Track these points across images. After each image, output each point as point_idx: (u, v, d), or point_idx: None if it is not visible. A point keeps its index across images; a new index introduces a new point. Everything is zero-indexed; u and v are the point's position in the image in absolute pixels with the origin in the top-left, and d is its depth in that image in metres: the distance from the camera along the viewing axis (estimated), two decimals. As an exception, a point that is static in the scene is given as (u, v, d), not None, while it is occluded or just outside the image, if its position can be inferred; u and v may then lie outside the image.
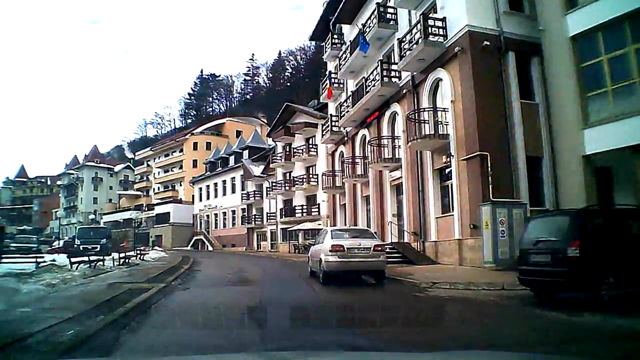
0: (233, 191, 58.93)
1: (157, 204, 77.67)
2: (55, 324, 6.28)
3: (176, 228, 70.69)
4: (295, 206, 44.31)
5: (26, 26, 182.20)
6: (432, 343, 5.65)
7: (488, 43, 18.01)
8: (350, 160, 28.30)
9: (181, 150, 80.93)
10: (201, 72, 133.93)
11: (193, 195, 70.58)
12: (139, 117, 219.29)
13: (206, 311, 8.33)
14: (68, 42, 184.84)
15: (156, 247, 50.22)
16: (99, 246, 31.24)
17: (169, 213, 72.28)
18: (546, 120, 18.45)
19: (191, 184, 69.99)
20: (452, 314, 8.67)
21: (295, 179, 44.02)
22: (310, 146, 43.18)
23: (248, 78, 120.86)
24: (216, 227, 62.27)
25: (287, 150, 46.20)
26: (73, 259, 15.95)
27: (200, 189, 67.09)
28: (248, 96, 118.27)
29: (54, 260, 16.99)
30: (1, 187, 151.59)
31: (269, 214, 49.78)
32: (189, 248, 63.81)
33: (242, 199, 54.50)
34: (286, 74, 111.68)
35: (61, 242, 46.63)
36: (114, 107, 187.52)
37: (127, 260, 21.17)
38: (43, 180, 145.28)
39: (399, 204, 23.78)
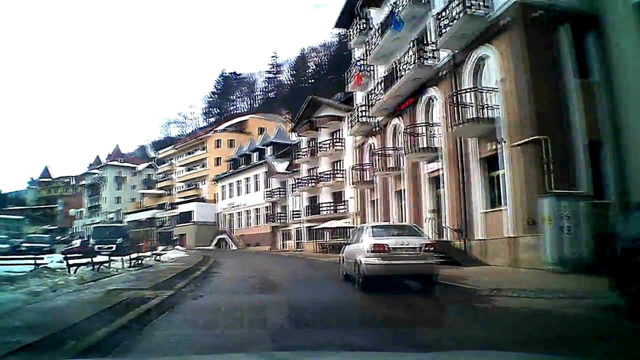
0: (257, 189, 57.24)
1: (180, 203, 76.49)
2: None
3: (199, 227, 69.37)
4: (321, 204, 42.35)
5: (49, 26, 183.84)
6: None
7: (541, 12, 15.76)
8: (381, 152, 26.13)
9: (204, 148, 79.63)
10: (223, 71, 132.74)
11: (216, 194, 69.15)
12: (162, 117, 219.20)
13: (214, 335, 6.32)
14: (92, 42, 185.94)
15: (177, 247, 48.67)
16: (114, 246, 29.64)
17: (192, 212, 71.00)
18: (608, 100, 16.11)
19: (214, 182, 68.53)
20: (544, 335, 6.52)
21: (321, 175, 42.04)
22: (336, 140, 41.15)
23: (270, 76, 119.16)
24: (240, 225, 60.67)
25: (312, 145, 44.26)
26: (72, 261, 14.04)
27: (223, 187, 65.60)
28: (271, 94, 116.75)
29: (46, 263, 15.05)
30: (26, 188, 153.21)
31: (293, 212, 47.92)
32: (212, 247, 62.37)
33: (265, 197, 52.75)
34: (308, 70, 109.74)
35: (78, 241, 45.36)
36: (137, 107, 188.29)
37: (139, 262, 19.35)
38: (67, 180, 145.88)
39: (437, 199, 21.57)
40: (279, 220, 50.49)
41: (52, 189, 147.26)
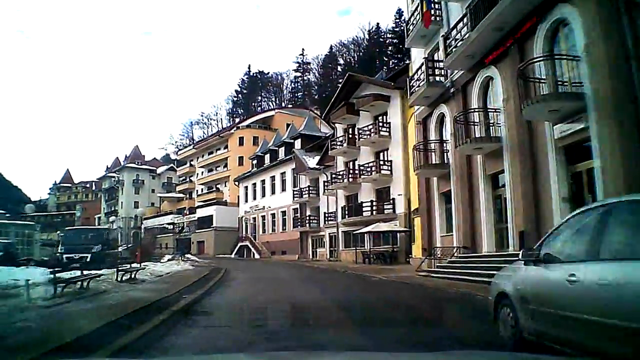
0: (283, 189, 49.63)
1: (199, 207, 69.40)
2: None
3: (220, 233, 62.15)
4: (361, 203, 34.51)
5: (71, 24, 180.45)
6: None
7: None
8: (462, 120, 18.03)
9: (226, 147, 72.49)
10: (249, 68, 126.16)
11: (238, 196, 61.70)
12: (185, 118, 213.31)
13: None
14: (114, 41, 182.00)
15: (188, 255, 41.10)
16: (89, 255, 22.13)
17: (211, 216, 63.88)
18: None
19: (236, 183, 61.14)
20: None
21: (362, 168, 34.20)
22: (381, 125, 33.30)
23: (298, 74, 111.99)
24: (264, 231, 53.04)
25: (350, 133, 36.48)
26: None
27: (246, 187, 58.14)
28: (299, 94, 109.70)
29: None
30: (48, 194, 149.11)
31: (327, 215, 40.15)
32: (232, 256, 55.05)
33: (294, 197, 45.05)
34: (339, 68, 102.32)
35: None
36: (160, 108, 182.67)
37: (132, 276, 11.70)
38: (88, 185, 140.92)
39: (574, 181, 13.41)
40: (308, 225, 42.73)
41: (72, 195, 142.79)
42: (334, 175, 37.63)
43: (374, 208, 33.19)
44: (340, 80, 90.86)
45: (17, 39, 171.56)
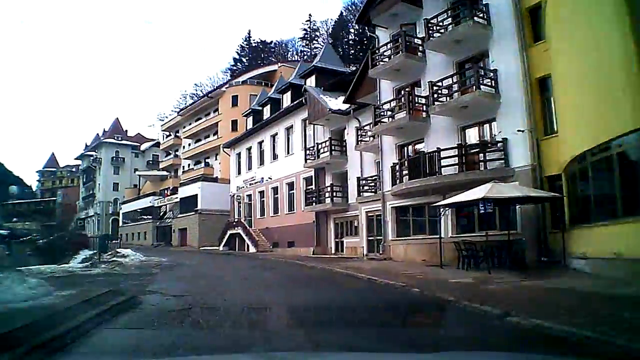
0: (290, 151, 33.99)
1: (182, 184, 53.90)
2: None
3: (207, 218, 46.87)
4: (430, 154, 18.91)
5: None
6: None
7: None
8: None
9: (216, 110, 56.87)
10: (249, 33, 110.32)
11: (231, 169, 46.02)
12: (178, 92, 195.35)
13: None
14: (97, 3, 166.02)
15: (121, 251, 25.14)
16: None
17: (195, 196, 48.38)
18: None
19: (225, 150, 45.46)
20: None
21: (436, 87, 18.68)
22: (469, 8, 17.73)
23: (304, 43, 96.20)
24: (262, 214, 37.41)
25: (407, 36, 20.81)
26: None
27: (239, 155, 42.47)
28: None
29: None
30: (37, 180, 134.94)
31: (361, 182, 24.61)
32: (221, 248, 39.60)
33: (306, 160, 29.37)
34: (350, 37, 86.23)
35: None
36: (149, 81, 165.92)
37: None
38: (74, 169, 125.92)
39: None
40: (330, 200, 27.06)
41: (57, 180, 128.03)
42: (378, 111, 21.97)
43: (463, 160, 17.62)
44: (353, 52, 75.38)
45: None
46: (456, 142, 18.56)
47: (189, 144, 62.11)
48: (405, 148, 22.13)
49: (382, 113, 22.03)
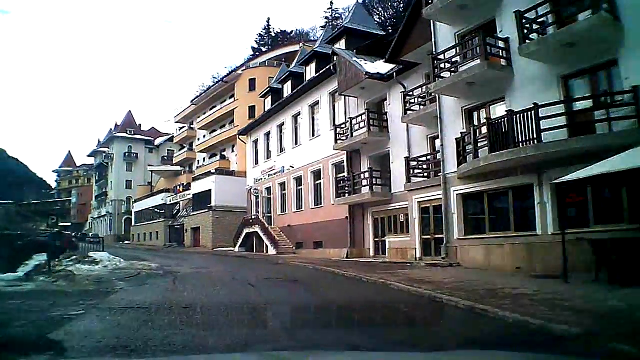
0: (314, 133, 28.31)
1: (195, 179, 48.61)
2: None
3: (221, 215, 41.55)
4: (522, 113, 13.02)
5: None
6: None
7: None
8: None
9: (232, 96, 51.38)
10: (268, 22, 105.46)
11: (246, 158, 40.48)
12: (196, 85, 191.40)
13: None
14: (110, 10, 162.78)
15: (94, 255, 19.24)
16: None
17: (209, 192, 42.99)
18: None
19: (241, 137, 39.91)
20: None
21: (528, 22, 12.76)
22: None
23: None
24: (284, 209, 31.75)
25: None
26: None
27: (256, 142, 36.90)
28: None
29: None
30: (55, 180, 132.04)
31: (410, 164, 18.78)
32: (236, 249, 34.11)
33: (337, 140, 23.54)
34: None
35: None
36: (167, 75, 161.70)
37: None
38: (89, 168, 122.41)
39: None
40: (369, 189, 21.14)
41: (73, 179, 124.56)
42: (438, 62, 16.11)
43: (574, 120, 11.77)
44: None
45: None
46: (557, 98, 12.68)
47: (204, 136, 56.76)
48: (476, 113, 16.22)
49: (443, 66, 16.18)
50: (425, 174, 18.59)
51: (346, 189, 22.99)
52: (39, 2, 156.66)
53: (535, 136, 12.58)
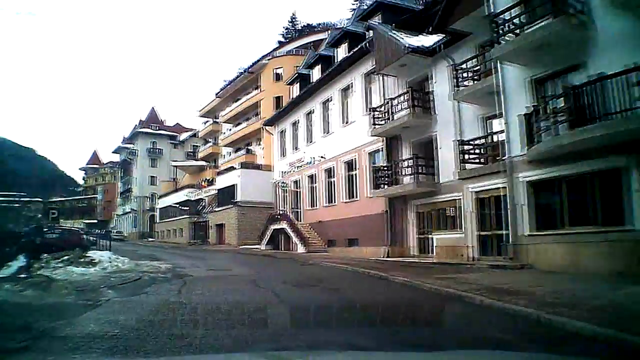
0: (346, 120, 25.76)
1: (219, 173, 46.53)
2: None
3: (247, 210, 39.18)
4: (617, 76, 10.24)
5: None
6: None
7: None
8: None
9: (257, 87, 49.08)
10: (293, 15, 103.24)
11: (272, 151, 38.09)
12: (220, 80, 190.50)
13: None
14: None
15: (92, 255, 16.88)
16: None
17: (234, 187, 40.75)
18: None
19: (267, 128, 37.55)
20: None
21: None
22: None
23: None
24: (313, 204, 29.29)
25: None
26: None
27: (282, 133, 34.52)
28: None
29: None
30: (82, 178, 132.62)
31: (461, 148, 16.05)
32: (263, 247, 31.79)
33: (374, 125, 20.86)
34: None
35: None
36: (195, 74, 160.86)
37: None
38: (115, 165, 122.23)
39: None
40: (414, 179, 18.46)
41: (99, 176, 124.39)
42: (497, 24, 13.40)
43: None
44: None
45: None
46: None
47: (229, 129, 54.60)
48: (548, 84, 13.46)
49: (503, 29, 13.47)
50: (481, 160, 15.89)
51: (385, 179, 20.39)
52: (63, 3, 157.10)
53: (629, 105, 9.90)
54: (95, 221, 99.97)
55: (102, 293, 9.03)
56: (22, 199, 58.45)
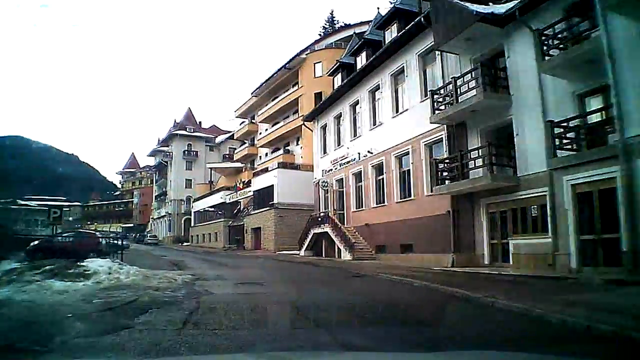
0: (398, 108, 22.74)
1: (256, 174, 44.05)
2: None
3: (285, 213, 36.51)
4: None
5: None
6: None
7: None
8: None
9: (296, 84, 46.49)
10: (331, 14, 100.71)
11: (314, 149, 35.29)
12: (257, 82, 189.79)
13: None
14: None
15: (87, 264, 14.08)
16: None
17: (271, 188, 38.14)
18: None
19: (307, 123, 34.76)
20: None
21: None
22: None
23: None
24: (360, 204, 26.28)
25: None
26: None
27: (324, 129, 31.66)
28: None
29: None
30: (119, 182, 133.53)
31: (555, 131, 12.81)
32: (302, 253, 29.01)
33: (434, 110, 17.74)
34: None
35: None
36: (232, 78, 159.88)
37: None
38: (153, 169, 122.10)
39: None
40: (488, 171, 15.29)
41: (137, 180, 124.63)
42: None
43: None
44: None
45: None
46: None
47: (266, 129, 52.16)
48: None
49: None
50: (580, 147, 12.65)
51: (447, 174, 17.30)
52: (101, 11, 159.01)
53: None
54: (132, 225, 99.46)
55: (59, 329, 5.96)
56: (62, 204, 57.30)
